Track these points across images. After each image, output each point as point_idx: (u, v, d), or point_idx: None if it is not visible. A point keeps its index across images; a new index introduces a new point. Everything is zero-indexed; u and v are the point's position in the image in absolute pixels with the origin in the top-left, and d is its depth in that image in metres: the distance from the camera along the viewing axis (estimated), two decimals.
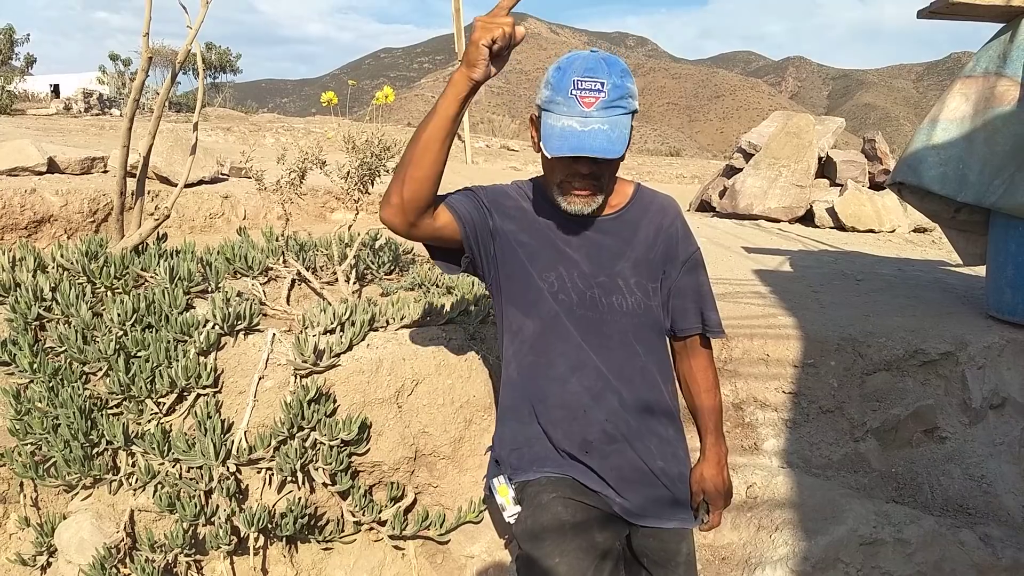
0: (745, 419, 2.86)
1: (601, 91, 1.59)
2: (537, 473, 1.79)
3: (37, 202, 4.54)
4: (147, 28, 2.91)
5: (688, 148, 52.03)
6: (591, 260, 1.78)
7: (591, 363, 1.77)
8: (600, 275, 1.77)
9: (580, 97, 1.59)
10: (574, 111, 1.59)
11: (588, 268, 1.77)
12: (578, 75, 1.60)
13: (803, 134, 7.19)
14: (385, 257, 3.38)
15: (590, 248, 1.78)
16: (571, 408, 1.77)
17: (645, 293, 1.80)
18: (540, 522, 1.71)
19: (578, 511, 1.73)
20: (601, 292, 1.77)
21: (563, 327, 1.77)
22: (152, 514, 2.43)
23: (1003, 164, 3.06)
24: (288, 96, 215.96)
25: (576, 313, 1.76)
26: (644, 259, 1.80)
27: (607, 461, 1.77)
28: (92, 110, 16.58)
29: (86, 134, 8.88)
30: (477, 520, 2.52)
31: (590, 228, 1.79)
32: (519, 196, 1.82)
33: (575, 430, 1.77)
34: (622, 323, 1.78)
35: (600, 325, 1.77)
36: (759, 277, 4.07)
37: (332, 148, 3.35)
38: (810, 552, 2.42)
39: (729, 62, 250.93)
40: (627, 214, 1.81)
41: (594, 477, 1.77)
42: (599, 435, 1.77)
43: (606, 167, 1.67)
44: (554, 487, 1.76)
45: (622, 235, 1.79)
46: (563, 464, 1.78)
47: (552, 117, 1.61)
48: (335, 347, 2.51)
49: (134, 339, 2.50)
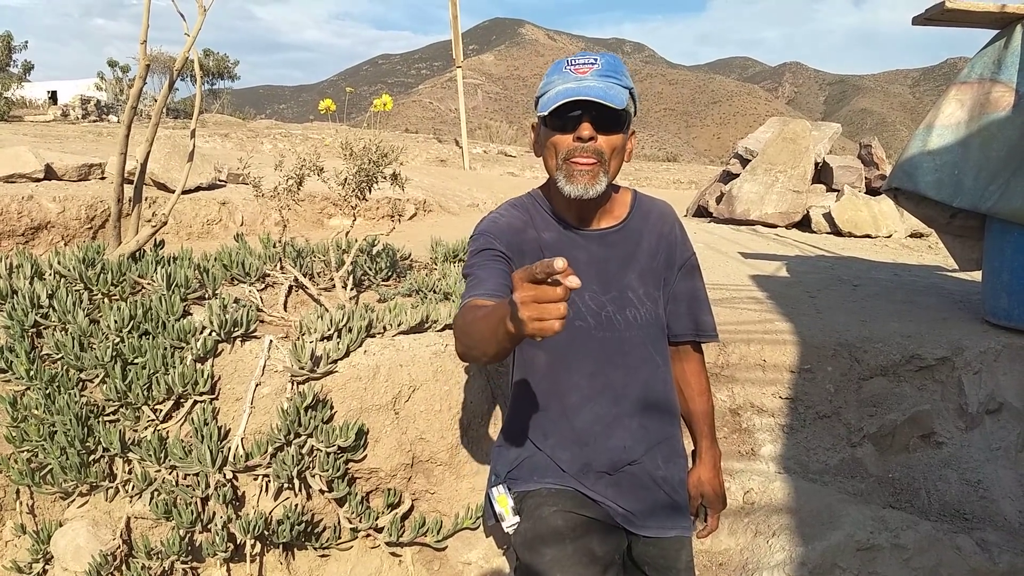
0: (742, 424, 2.86)
1: (594, 63, 1.62)
2: (537, 484, 1.78)
3: (34, 209, 4.54)
4: (144, 35, 2.92)
5: (685, 154, 52.08)
6: (600, 277, 1.75)
7: (608, 390, 1.75)
8: (611, 291, 1.75)
9: (573, 69, 1.62)
10: (568, 79, 1.60)
11: (598, 286, 1.75)
12: (570, 58, 1.65)
13: (799, 140, 7.21)
14: (383, 263, 3.39)
15: (598, 265, 1.75)
16: (581, 438, 1.76)
17: (654, 302, 1.79)
18: (539, 534, 1.70)
19: (578, 524, 1.72)
20: (615, 309, 1.74)
21: (577, 356, 1.74)
22: (148, 521, 2.42)
23: (998, 169, 3.07)
24: (286, 102, 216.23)
25: (596, 337, 1.73)
26: (649, 268, 1.79)
27: (607, 479, 1.76)
28: (90, 116, 16.58)
29: (83, 140, 8.89)
30: (474, 527, 2.52)
31: (595, 243, 1.76)
32: (527, 225, 1.77)
33: (580, 456, 1.76)
34: (639, 336, 1.76)
35: (620, 344, 1.75)
36: (756, 282, 4.08)
37: (330, 154, 3.35)
38: (807, 558, 2.42)
39: (726, 68, 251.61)
40: (630, 224, 1.79)
41: (594, 491, 1.77)
42: (605, 463, 1.76)
43: (607, 140, 1.62)
44: (554, 499, 1.74)
45: (627, 247, 1.77)
46: (564, 476, 1.77)
47: (547, 93, 1.61)
48: (332, 353, 2.51)
49: (131, 346, 2.50)
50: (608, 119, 1.59)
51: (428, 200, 7.10)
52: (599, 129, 1.59)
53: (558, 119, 1.60)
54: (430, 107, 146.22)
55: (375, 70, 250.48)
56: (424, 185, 7.79)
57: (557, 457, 1.77)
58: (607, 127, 1.60)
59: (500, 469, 1.86)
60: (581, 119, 1.58)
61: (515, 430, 1.84)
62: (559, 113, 1.59)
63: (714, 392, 2.87)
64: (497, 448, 1.89)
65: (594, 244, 1.75)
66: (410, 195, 6.76)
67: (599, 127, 1.59)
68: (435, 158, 13.83)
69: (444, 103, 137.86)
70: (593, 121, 1.58)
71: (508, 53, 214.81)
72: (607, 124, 1.60)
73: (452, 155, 14.24)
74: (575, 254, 1.72)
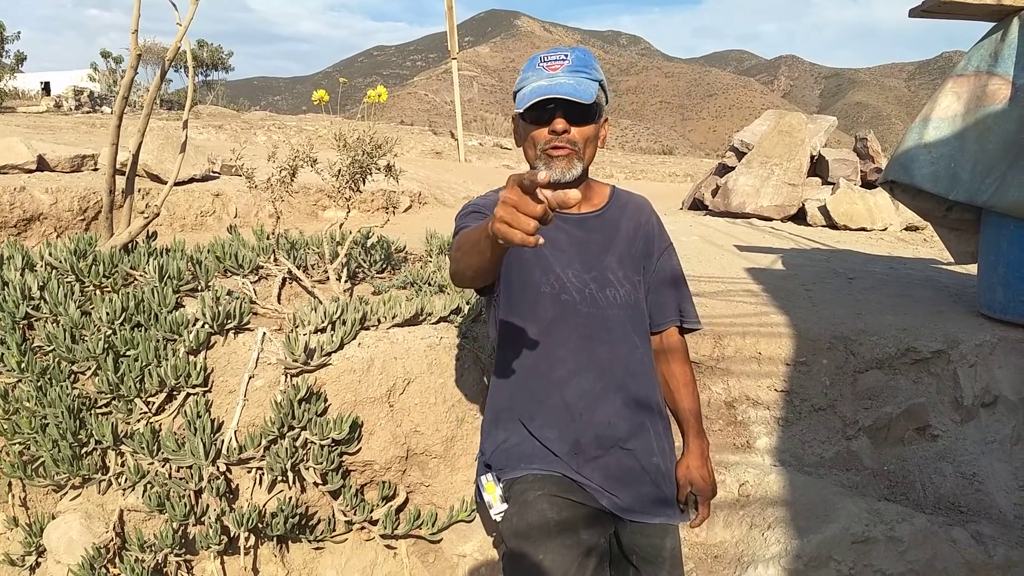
0: (737, 417, 2.86)
1: (565, 60, 1.74)
2: (524, 470, 1.80)
3: (26, 200, 4.51)
4: (136, 25, 2.89)
5: (681, 146, 52.12)
6: (581, 257, 1.84)
7: (593, 364, 1.80)
8: (592, 270, 1.84)
9: (546, 66, 1.75)
10: (541, 76, 1.73)
11: (580, 265, 1.84)
12: (543, 55, 1.78)
13: (795, 133, 7.20)
14: (377, 255, 3.37)
15: (579, 246, 1.85)
16: (568, 412, 1.79)
17: (633, 285, 1.88)
18: (526, 519, 1.72)
19: (564, 508, 1.74)
20: (596, 287, 1.83)
21: (564, 330, 1.81)
22: (142, 514, 2.41)
23: (994, 162, 3.06)
24: (280, 94, 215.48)
25: (581, 311, 1.81)
26: (627, 253, 1.89)
27: (596, 462, 1.79)
28: (83, 107, 16.50)
29: (76, 132, 8.84)
30: (469, 519, 2.51)
31: (576, 226, 1.87)
32: None
33: (569, 433, 1.79)
34: (620, 315, 1.84)
35: (603, 320, 1.83)
36: (751, 275, 4.07)
37: (324, 146, 3.33)
38: (802, 550, 2.42)
39: (722, 61, 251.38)
40: (608, 212, 1.91)
41: (580, 476, 1.78)
42: (592, 440, 1.79)
43: (580, 131, 1.75)
44: (541, 484, 1.77)
45: (605, 231, 1.88)
46: (551, 461, 1.79)
47: (523, 89, 1.75)
48: (326, 346, 2.49)
49: (123, 338, 2.48)
50: (579, 112, 1.72)
51: (423, 192, 7.08)
52: (572, 121, 1.73)
53: (534, 112, 1.73)
54: (425, 99, 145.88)
55: (370, 62, 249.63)
56: (419, 177, 7.77)
57: (545, 437, 1.80)
58: (579, 119, 1.73)
59: (487, 448, 1.89)
60: (554, 113, 1.72)
61: (501, 408, 1.88)
62: (534, 108, 1.72)
63: (709, 385, 2.87)
64: (484, 427, 1.93)
65: (575, 227, 1.87)
66: (405, 187, 6.74)
67: (571, 120, 1.73)
68: (430, 150, 13.79)
69: (440, 95, 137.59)
70: (566, 115, 1.72)
71: (504, 45, 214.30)
72: (579, 117, 1.73)
73: (447, 147, 14.21)
74: (557, 235, 1.83)
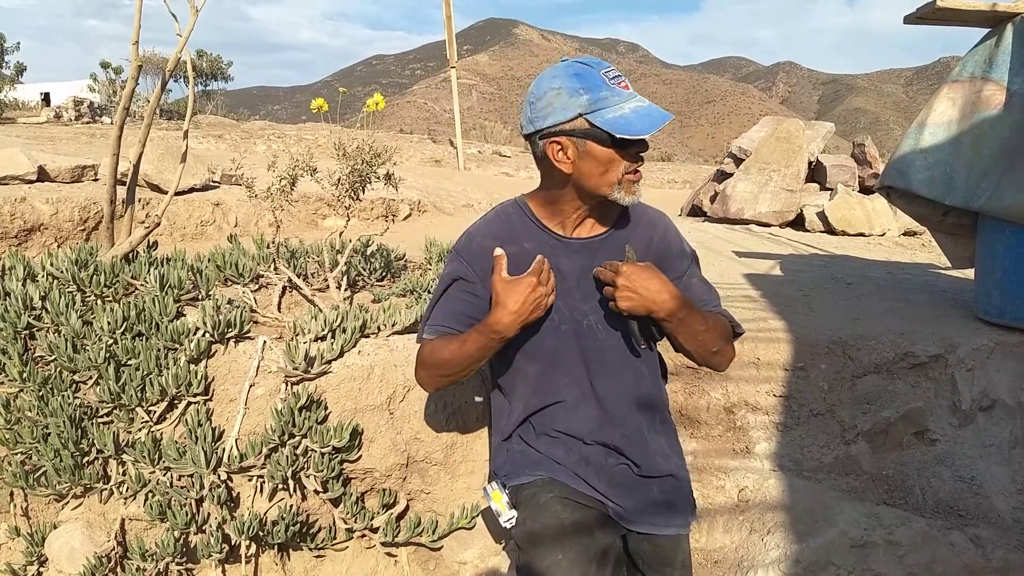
0: (736, 423, 2.87)
1: (622, 77, 1.65)
2: (531, 476, 1.80)
3: (27, 211, 4.53)
4: (136, 36, 2.91)
5: (679, 153, 52.19)
6: (581, 287, 1.77)
7: (591, 397, 1.79)
8: (591, 300, 1.77)
9: (619, 84, 1.63)
10: (624, 96, 1.62)
11: (579, 295, 1.77)
12: (604, 69, 1.64)
13: (793, 139, 7.22)
14: (377, 263, 3.38)
15: (580, 274, 1.77)
16: (575, 436, 1.80)
17: None
18: (540, 522, 1.71)
19: (576, 509, 1.74)
20: (596, 319, 1.77)
21: (564, 362, 1.78)
22: (143, 523, 2.42)
23: (989, 168, 3.08)
24: (280, 103, 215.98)
25: (579, 343, 1.77)
26: None
27: (602, 473, 1.79)
28: (83, 118, 16.54)
29: (76, 142, 8.86)
30: (470, 526, 2.52)
31: (579, 252, 1.78)
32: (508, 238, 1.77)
33: (574, 452, 1.80)
34: (621, 345, 1.78)
35: (602, 353, 1.78)
36: (750, 281, 4.09)
37: (323, 155, 3.35)
38: (802, 555, 2.42)
39: (720, 68, 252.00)
40: (615, 233, 1.81)
41: (586, 484, 1.79)
42: (599, 455, 1.79)
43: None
44: (550, 487, 1.77)
45: (610, 255, 1.76)
46: (555, 469, 1.79)
47: (610, 111, 1.59)
48: (326, 354, 2.50)
49: (124, 347, 2.49)
50: None
51: (423, 200, 7.10)
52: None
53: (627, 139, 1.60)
54: (424, 107, 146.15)
55: (369, 70, 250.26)
56: (419, 186, 7.79)
57: (550, 454, 1.79)
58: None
59: (495, 468, 1.88)
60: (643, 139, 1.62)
61: (506, 432, 1.87)
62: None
63: (708, 390, 2.88)
64: (491, 454, 1.94)
65: (577, 253, 1.77)
66: (404, 195, 6.76)
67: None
68: (430, 158, 13.82)
69: (439, 103, 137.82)
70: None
71: (502, 53, 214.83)
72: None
73: (447, 155, 14.24)
74: (558, 263, 1.74)
